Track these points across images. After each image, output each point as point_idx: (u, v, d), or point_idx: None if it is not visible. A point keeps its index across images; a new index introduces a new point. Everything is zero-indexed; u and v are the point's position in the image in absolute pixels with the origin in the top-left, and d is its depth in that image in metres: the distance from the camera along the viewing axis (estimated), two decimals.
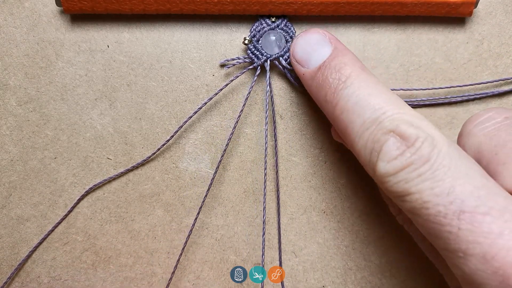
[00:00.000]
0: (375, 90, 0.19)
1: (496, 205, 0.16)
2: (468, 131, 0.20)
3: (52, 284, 0.27)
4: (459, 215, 0.16)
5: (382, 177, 0.18)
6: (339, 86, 0.20)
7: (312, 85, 0.22)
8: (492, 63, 0.26)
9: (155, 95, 0.26)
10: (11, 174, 0.26)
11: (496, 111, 0.20)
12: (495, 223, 0.16)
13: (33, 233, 0.27)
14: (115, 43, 0.26)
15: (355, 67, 0.21)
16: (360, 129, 0.19)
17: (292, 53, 0.23)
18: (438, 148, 0.17)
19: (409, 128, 0.18)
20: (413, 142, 0.17)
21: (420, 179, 0.17)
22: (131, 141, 0.26)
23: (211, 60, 0.26)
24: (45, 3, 0.25)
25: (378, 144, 0.18)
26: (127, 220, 0.27)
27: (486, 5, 0.26)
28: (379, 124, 0.18)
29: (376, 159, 0.18)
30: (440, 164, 0.17)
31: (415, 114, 0.18)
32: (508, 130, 0.19)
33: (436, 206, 0.16)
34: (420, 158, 0.17)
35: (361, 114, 0.19)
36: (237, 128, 0.26)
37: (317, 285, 0.27)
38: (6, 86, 0.26)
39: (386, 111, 0.18)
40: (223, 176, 0.27)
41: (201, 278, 0.27)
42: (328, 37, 0.22)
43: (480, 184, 0.16)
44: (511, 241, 0.15)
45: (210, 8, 0.24)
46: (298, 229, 0.27)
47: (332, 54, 0.22)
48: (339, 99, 0.20)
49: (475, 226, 0.16)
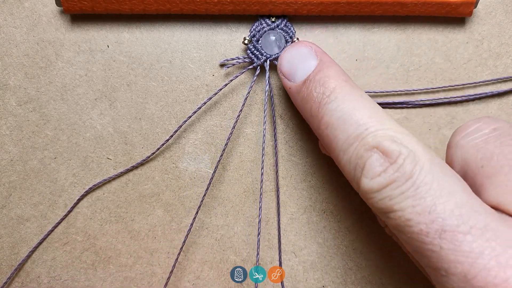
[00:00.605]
0: (359, 104, 0.19)
1: (477, 223, 0.16)
2: (455, 142, 0.20)
3: (52, 284, 0.27)
4: (440, 234, 0.16)
5: (366, 194, 0.18)
6: (323, 100, 0.20)
7: (298, 99, 0.22)
8: (492, 63, 0.26)
9: (155, 95, 0.26)
10: (11, 174, 0.26)
11: (485, 121, 0.20)
12: (476, 242, 0.15)
13: (33, 233, 0.27)
14: (115, 43, 0.26)
15: (340, 80, 0.20)
16: (344, 145, 0.19)
17: (278, 67, 0.23)
18: (420, 165, 0.17)
19: (391, 144, 0.18)
20: (396, 159, 0.17)
21: (402, 197, 0.17)
22: (131, 141, 0.26)
23: (211, 60, 0.26)
24: (45, 3, 0.25)
25: (361, 161, 0.18)
26: (127, 220, 0.27)
27: (486, 5, 0.26)
28: (362, 140, 0.18)
29: (360, 175, 0.18)
30: (422, 181, 0.17)
31: (399, 129, 0.18)
32: (495, 142, 0.19)
33: (418, 225, 0.16)
34: (403, 175, 0.17)
35: (345, 129, 0.19)
36: (237, 128, 0.26)
37: (317, 285, 0.27)
38: (6, 86, 0.26)
39: (369, 126, 0.18)
40: (223, 176, 0.27)
41: (201, 278, 0.27)
42: (314, 49, 0.22)
43: (461, 201, 0.16)
44: (492, 261, 0.15)
45: (210, 8, 0.24)
46: (298, 229, 0.27)
47: (317, 67, 0.21)
48: (323, 114, 0.20)
49: (456, 245, 0.16)
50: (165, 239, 0.27)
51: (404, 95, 0.26)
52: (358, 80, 0.26)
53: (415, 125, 0.26)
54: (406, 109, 0.26)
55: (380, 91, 0.26)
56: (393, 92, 0.26)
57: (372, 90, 0.26)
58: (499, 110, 0.26)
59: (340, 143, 0.19)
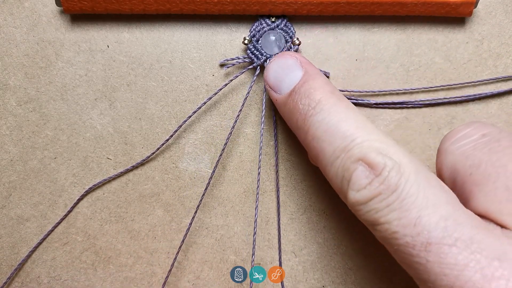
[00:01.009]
0: (345, 115, 0.19)
1: (463, 235, 0.16)
2: (445, 148, 0.20)
3: (52, 284, 0.27)
4: (426, 246, 0.16)
5: (353, 206, 0.18)
6: (309, 112, 0.20)
7: (285, 111, 0.22)
8: (492, 63, 0.26)
9: (155, 95, 0.26)
10: (11, 174, 0.26)
11: (474, 126, 0.20)
12: (462, 254, 0.15)
13: (33, 233, 0.27)
14: (115, 43, 0.26)
15: (325, 92, 0.20)
16: (331, 158, 0.19)
17: (265, 78, 0.23)
18: (406, 177, 0.17)
19: (377, 156, 0.18)
20: (381, 171, 0.17)
21: (388, 209, 0.17)
22: (131, 141, 0.26)
23: (211, 60, 0.26)
24: (45, 3, 0.25)
25: (348, 173, 0.18)
26: (127, 220, 0.27)
27: (486, 5, 0.26)
28: (348, 152, 0.18)
29: (347, 188, 0.18)
30: (407, 193, 0.17)
31: (384, 140, 0.18)
32: (483, 149, 0.19)
33: (404, 237, 0.16)
34: (388, 188, 0.17)
35: (331, 142, 0.19)
36: (237, 128, 0.27)
37: (317, 285, 0.27)
38: (6, 86, 0.26)
39: (355, 138, 0.18)
40: (223, 176, 0.27)
41: (201, 278, 0.27)
42: (299, 60, 0.22)
43: (446, 213, 0.16)
44: (477, 273, 0.15)
45: (210, 8, 0.24)
46: (298, 229, 0.27)
47: (302, 79, 0.21)
48: (309, 126, 0.20)
49: (442, 257, 0.16)
50: (165, 239, 0.27)
51: (404, 95, 0.26)
52: (358, 80, 0.26)
53: (415, 125, 0.26)
54: (406, 109, 0.26)
55: (380, 91, 0.26)
56: (393, 92, 0.26)
57: (372, 90, 0.26)
58: (499, 110, 0.26)
59: (327, 156, 0.19)
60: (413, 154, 0.19)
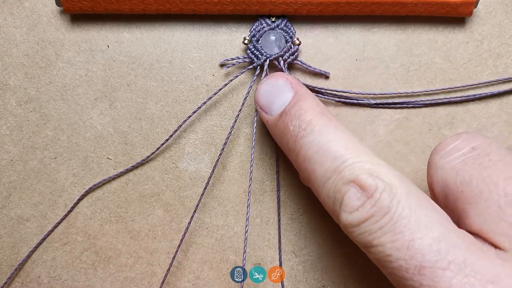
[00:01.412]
0: (335, 136, 0.19)
1: (456, 258, 0.16)
2: (435, 162, 0.20)
3: (52, 284, 0.27)
4: (419, 270, 0.16)
5: (346, 228, 0.18)
6: (299, 133, 0.20)
7: (276, 132, 0.22)
8: (492, 63, 0.26)
9: (155, 95, 0.26)
10: (11, 174, 0.26)
11: (464, 138, 0.20)
12: (455, 278, 0.15)
13: (33, 233, 0.27)
14: (115, 43, 0.26)
15: (315, 113, 0.20)
16: (323, 179, 0.19)
17: (255, 99, 0.23)
18: (398, 198, 0.17)
19: (368, 178, 0.17)
20: (372, 193, 0.17)
21: (381, 232, 0.17)
22: (131, 141, 0.26)
23: (211, 60, 0.26)
24: (45, 3, 0.25)
25: (339, 195, 0.18)
26: (127, 220, 0.27)
27: (486, 5, 0.26)
28: (340, 174, 0.18)
29: (339, 210, 0.18)
30: (399, 215, 0.17)
31: (375, 161, 0.18)
32: (474, 164, 0.19)
33: (397, 260, 0.16)
34: (380, 210, 0.17)
35: (322, 163, 0.19)
36: (236, 128, 0.27)
37: (317, 285, 0.27)
38: (6, 86, 0.26)
39: (346, 159, 0.18)
40: (223, 176, 0.27)
41: (201, 278, 0.27)
42: (290, 81, 0.22)
43: (439, 235, 0.16)
44: None
45: (210, 8, 0.24)
46: (298, 229, 0.27)
47: (292, 100, 0.21)
48: (300, 147, 0.20)
49: (436, 281, 0.16)
50: (165, 239, 0.27)
51: (404, 95, 0.26)
52: (358, 80, 0.26)
53: (415, 125, 0.26)
54: (406, 109, 0.26)
55: (380, 92, 0.26)
56: (393, 93, 0.26)
57: (372, 90, 0.26)
58: (499, 110, 0.26)
59: (319, 177, 0.19)
60: (403, 175, 0.18)
